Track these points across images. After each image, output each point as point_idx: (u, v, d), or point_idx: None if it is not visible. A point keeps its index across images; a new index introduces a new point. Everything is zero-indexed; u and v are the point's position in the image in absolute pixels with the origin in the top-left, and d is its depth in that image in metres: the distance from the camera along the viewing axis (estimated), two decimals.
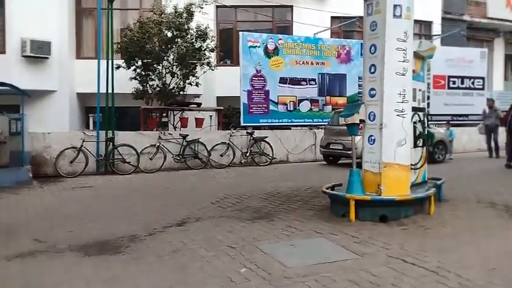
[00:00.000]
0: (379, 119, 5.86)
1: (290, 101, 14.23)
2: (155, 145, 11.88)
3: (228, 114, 14.93)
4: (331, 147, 12.70)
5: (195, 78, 13.51)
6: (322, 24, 16.50)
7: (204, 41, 13.26)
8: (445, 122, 16.06)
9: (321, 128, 14.09)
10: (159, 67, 13.35)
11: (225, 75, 15.53)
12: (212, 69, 13.85)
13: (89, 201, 7.80)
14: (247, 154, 13.05)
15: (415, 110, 6.64)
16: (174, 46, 12.98)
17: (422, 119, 6.87)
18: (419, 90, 6.86)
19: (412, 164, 6.55)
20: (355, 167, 6.08)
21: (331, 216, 6.04)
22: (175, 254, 4.58)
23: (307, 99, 14.45)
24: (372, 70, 5.95)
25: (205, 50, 13.36)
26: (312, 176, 10.56)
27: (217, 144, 12.65)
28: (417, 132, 6.72)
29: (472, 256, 4.32)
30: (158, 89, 13.56)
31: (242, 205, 7.05)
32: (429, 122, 14.12)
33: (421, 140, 6.74)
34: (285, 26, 17.32)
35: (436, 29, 20.42)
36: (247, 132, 13.25)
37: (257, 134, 13.48)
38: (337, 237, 5.03)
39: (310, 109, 14.55)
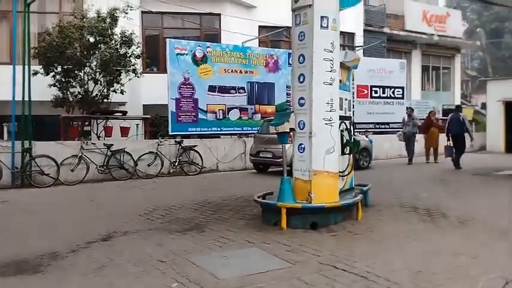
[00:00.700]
0: (309, 127, 5.98)
1: (219, 110, 14.21)
2: (77, 155, 11.35)
3: (155, 122, 14.62)
4: (260, 155, 12.82)
5: (119, 85, 13.08)
6: (250, 33, 16.71)
7: (129, 47, 12.91)
8: (364, 130, 16.81)
9: (251, 137, 14.20)
10: (80, 73, 12.80)
11: (152, 83, 15.24)
12: (138, 77, 13.51)
13: (4, 217, 7.27)
14: (176, 164, 12.84)
15: (342, 118, 6.86)
16: (97, 52, 12.51)
17: (348, 127, 7.12)
18: (346, 99, 7.11)
19: (340, 171, 6.77)
20: (285, 175, 6.16)
21: (263, 225, 6.06)
22: (100, 271, 4.36)
23: (237, 108, 14.51)
24: (301, 79, 6.07)
25: (130, 56, 13.00)
26: (242, 185, 10.58)
27: (144, 154, 12.33)
28: (344, 140, 6.96)
29: (399, 260, 4.51)
30: (80, 96, 12.99)
31: (172, 216, 6.90)
32: (355, 130, 14.83)
33: (348, 147, 6.98)
34: (213, 34, 17.33)
35: (359, 40, 21.40)
36: (175, 141, 13.05)
37: (186, 142, 13.32)
38: (270, 246, 5.05)
39: (240, 117, 14.62)
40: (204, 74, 13.85)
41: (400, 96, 18.64)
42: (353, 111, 16.99)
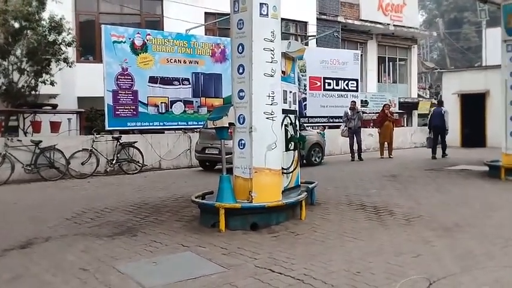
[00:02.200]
0: (249, 122, 5.98)
1: (162, 103, 14.01)
2: (0, 154, 10.88)
3: (90, 117, 14.24)
4: (206, 151, 12.75)
5: (48, 76, 12.63)
6: (195, 20, 16.55)
7: (59, 33, 12.48)
8: (319, 124, 17.10)
9: (196, 132, 14.09)
10: (4, 63, 12.26)
11: (88, 73, 14.89)
12: (70, 66, 13.11)
13: None
14: (114, 162, 12.56)
15: (286, 112, 6.93)
16: (22, 39, 12.02)
17: (293, 121, 7.17)
18: (290, 92, 7.16)
19: (284, 168, 6.83)
20: (225, 173, 6.14)
21: (200, 227, 6.02)
22: (13, 282, 4.19)
23: (181, 101, 14.36)
24: (241, 71, 6.06)
25: (60, 44, 12.58)
26: (185, 184, 10.50)
27: (77, 152, 11.99)
28: (289, 135, 7.01)
29: (339, 261, 4.59)
30: (4, 88, 12.45)
31: (102, 220, 6.74)
32: (305, 125, 15.01)
33: (293, 143, 7.04)
34: (155, 21, 17.08)
35: (312, 29, 21.66)
36: (113, 137, 12.76)
37: (125, 139, 13.06)
38: (205, 250, 5.02)
39: (184, 111, 14.48)
40: (144, 64, 13.61)
41: (354, 88, 19.03)
42: (305, 104, 17.39)
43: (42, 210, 7.69)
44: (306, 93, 17.57)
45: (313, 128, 17.65)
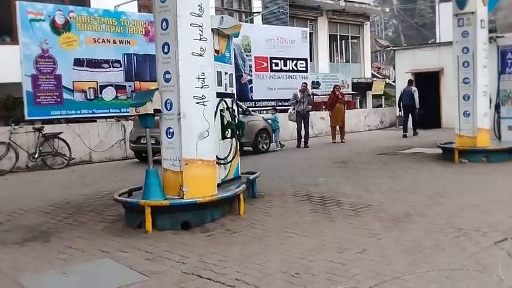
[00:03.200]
0: (177, 108, 5.67)
1: (90, 88, 13.39)
2: None
3: (8, 105, 13.46)
4: (142, 141, 12.29)
5: None
6: None
7: None
8: (270, 108, 16.88)
9: (131, 120, 13.58)
10: None
11: (4, 56, 14.01)
12: None
13: None
14: (36, 156, 11.91)
15: (221, 96, 6.68)
16: None
17: (230, 106, 6.93)
18: (226, 73, 6.91)
19: (221, 159, 6.59)
20: (151, 166, 5.83)
21: (125, 229, 5.70)
22: None
23: (112, 85, 13.78)
24: (165, 50, 5.72)
25: None
26: (117, 178, 10.10)
27: None
28: (225, 122, 6.76)
29: (277, 261, 4.39)
30: None
31: (13, 224, 6.30)
32: (250, 109, 14.74)
33: (230, 130, 6.79)
34: None
35: (257, 5, 21.38)
36: (34, 128, 12.10)
37: (49, 129, 12.42)
38: (127, 255, 4.71)
39: (116, 97, 13.92)
40: (68, 45, 12.93)
41: (304, 69, 18.93)
42: (250, 87, 17.14)
43: None
44: (251, 75, 17.33)
45: (260, 112, 17.47)
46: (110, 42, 13.74)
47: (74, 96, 13.13)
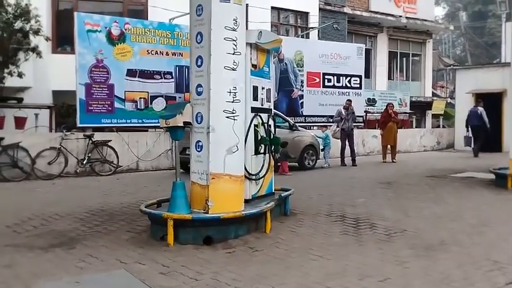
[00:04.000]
0: (207, 121, 5.66)
1: (140, 98, 13.68)
2: None
3: (62, 112, 13.96)
4: (187, 152, 12.34)
5: (14, 67, 12.35)
6: (182, 9, 16.17)
7: (27, 21, 12.20)
8: (321, 124, 16.65)
9: (166, 131, 13.74)
10: None
11: (64, 65, 14.55)
12: (40, 57, 12.81)
13: None
14: (85, 162, 12.27)
15: (256, 111, 6.61)
16: None
17: (265, 121, 6.84)
18: (263, 88, 6.83)
19: (252, 174, 6.51)
20: (178, 179, 5.83)
21: (149, 241, 5.71)
22: None
23: (162, 96, 13.97)
24: (199, 63, 5.74)
25: (28, 32, 12.29)
26: (159, 188, 10.17)
27: (44, 150, 11.71)
28: (259, 137, 6.68)
29: (291, 284, 4.25)
30: None
31: (45, 228, 6.44)
32: (297, 124, 14.56)
33: (263, 145, 6.71)
34: (139, 10, 16.78)
35: (314, 21, 21.27)
36: (84, 135, 12.47)
37: (99, 137, 12.77)
38: (143, 268, 4.69)
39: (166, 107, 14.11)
40: (122, 56, 13.29)
41: (358, 85, 18.60)
42: (301, 103, 16.99)
43: None
44: (302, 90, 17.19)
45: (310, 128, 17.31)
46: (162, 54, 14.01)
47: (125, 106, 13.44)
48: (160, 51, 13.98)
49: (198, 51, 5.75)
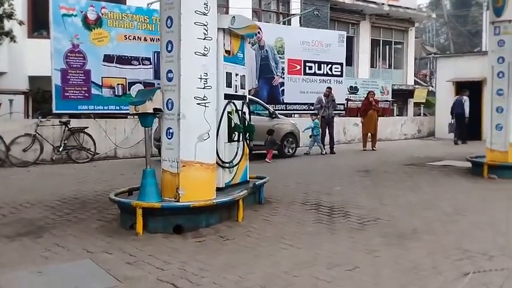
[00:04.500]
0: (177, 107, 5.54)
1: (118, 84, 13.49)
2: None
3: (37, 98, 13.71)
4: None
5: None
6: None
7: (0, 5, 11.90)
8: (310, 113, 16.47)
9: (158, 117, 13.57)
10: None
11: (41, 50, 14.26)
12: (14, 42, 12.53)
13: None
14: (61, 149, 12.07)
15: (230, 97, 6.52)
16: None
17: (240, 108, 6.75)
18: (237, 74, 6.73)
19: (225, 162, 6.43)
20: (148, 166, 5.73)
21: (118, 229, 5.60)
22: None
23: (140, 83, 13.83)
24: (169, 48, 5.60)
25: (1, 16, 11.99)
26: (135, 175, 10.00)
27: (19, 137, 11.50)
28: (232, 124, 6.59)
29: (259, 274, 4.18)
30: None
31: (14, 217, 6.31)
32: (276, 112, 14.46)
33: (236, 133, 6.62)
34: None
35: (296, 7, 21.12)
36: (60, 122, 12.26)
37: (75, 123, 12.57)
38: (109, 257, 4.60)
39: None
40: (99, 41, 13.06)
41: (339, 73, 18.52)
42: (282, 90, 16.88)
43: None
44: (283, 78, 17.08)
45: (291, 116, 17.25)
46: (140, 39, 13.79)
47: (102, 92, 13.24)
48: (138, 37, 13.77)
49: (168, 35, 5.60)
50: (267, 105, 13.75)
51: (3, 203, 7.10)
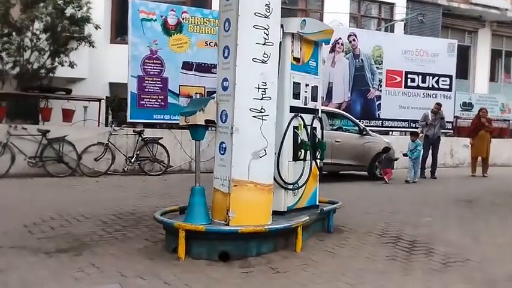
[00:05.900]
0: (231, 120, 5.40)
1: (196, 93, 13.62)
2: (1, 143, 11.08)
3: (114, 106, 14.24)
4: None
5: (63, 56, 12.71)
6: None
7: (79, 8, 12.51)
8: (410, 130, 15.73)
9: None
10: (17, 39, 12.46)
11: (123, 56, 14.85)
12: (93, 47, 13.12)
13: None
14: (133, 160, 12.42)
15: (296, 111, 6.28)
16: (34, 12, 12.10)
17: (308, 123, 6.48)
18: (307, 85, 6.48)
19: (288, 183, 6.18)
20: (198, 184, 5.62)
21: (161, 252, 5.54)
22: None
23: None
24: (226, 54, 5.50)
25: (79, 20, 12.60)
26: (205, 192, 10.07)
27: (91, 145, 11.98)
28: (299, 141, 6.33)
29: None
30: (17, 68, 12.70)
31: (62, 230, 6.46)
32: (367, 128, 13.93)
33: (303, 151, 6.34)
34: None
35: (400, 11, 20.45)
36: (134, 131, 12.63)
37: (149, 133, 12.90)
38: (141, 283, 4.51)
39: None
40: (178, 47, 13.35)
41: (447, 87, 17.59)
42: (378, 104, 16.31)
43: (7, 212, 7.53)
44: (380, 90, 16.51)
45: (388, 134, 16.63)
46: None
47: (179, 101, 13.48)
48: None
49: (225, 40, 5.50)
50: (357, 121, 13.30)
51: (58, 214, 7.32)
